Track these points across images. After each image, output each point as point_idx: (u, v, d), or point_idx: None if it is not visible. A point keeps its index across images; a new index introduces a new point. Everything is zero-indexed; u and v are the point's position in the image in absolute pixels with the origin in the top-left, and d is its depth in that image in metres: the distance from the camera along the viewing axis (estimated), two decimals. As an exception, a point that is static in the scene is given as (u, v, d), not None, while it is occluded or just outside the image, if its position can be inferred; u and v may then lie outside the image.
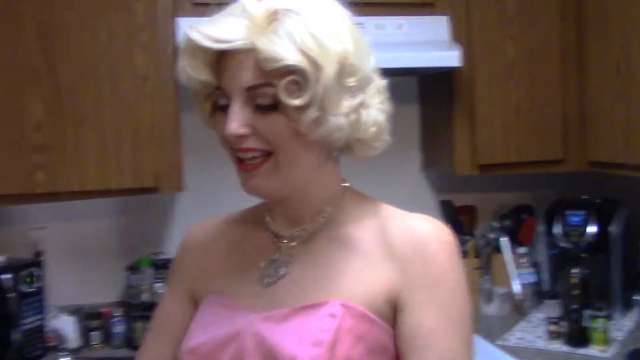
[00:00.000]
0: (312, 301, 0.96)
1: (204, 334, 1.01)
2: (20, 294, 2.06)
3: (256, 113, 0.93)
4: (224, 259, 1.08)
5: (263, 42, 0.89)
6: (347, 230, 1.01)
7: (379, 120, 0.99)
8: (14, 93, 1.98)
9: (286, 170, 0.96)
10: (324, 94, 0.91)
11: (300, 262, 1.02)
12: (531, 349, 2.14)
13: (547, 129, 2.40)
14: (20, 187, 2.00)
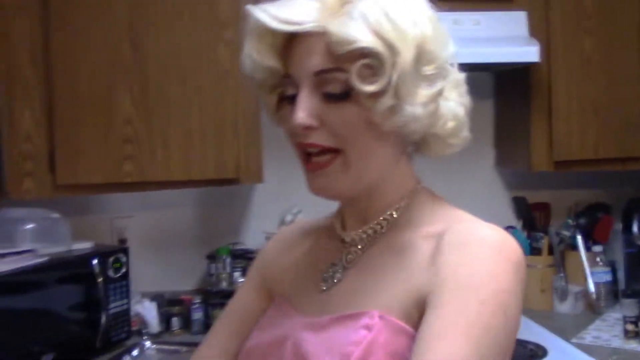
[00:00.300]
0: (353, 310, 0.89)
1: (260, 335, 1.00)
2: (108, 279, 2.15)
3: (325, 103, 0.87)
4: (295, 262, 1.06)
5: (335, 24, 0.84)
6: (407, 237, 0.93)
7: (458, 114, 0.93)
8: (106, 88, 2.07)
9: (357, 168, 0.89)
10: (400, 80, 0.84)
11: (356, 268, 0.95)
12: (607, 347, 2.12)
13: (625, 125, 2.37)
14: (110, 176, 2.09)
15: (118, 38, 2.07)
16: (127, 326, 2.25)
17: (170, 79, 2.10)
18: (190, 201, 2.55)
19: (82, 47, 2.06)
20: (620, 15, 2.34)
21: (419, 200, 0.96)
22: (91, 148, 2.07)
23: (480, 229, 0.87)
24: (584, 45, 2.32)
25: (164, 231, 2.53)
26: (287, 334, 0.93)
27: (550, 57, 2.30)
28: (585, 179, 2.71)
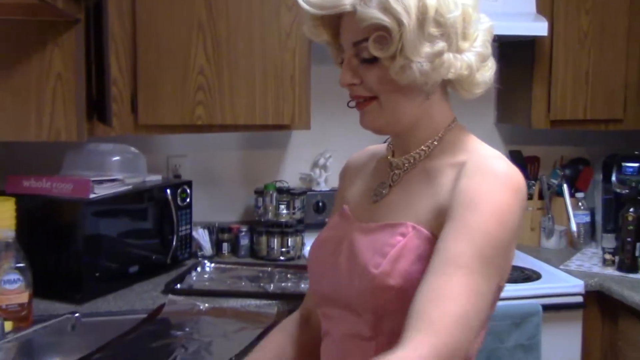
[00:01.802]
0: (393, 221, 1.15)
1: (328, 232, 1.28)
2: (177, 206, 2.51)
3: (362, 65, 1.12)
4: (359, 179, 1.32)
5: (360, 5, 1.07)
6: (438, 164, 1.15)
7: (471, 62, 1.11)
8: (183, 43, 2.40)
9: (389, 111, 1.14)
10: (405, 44, 1.06)
11: (398, 187, 1.20)
12: (589, 272, 2.60)
13: (610, 92, 2.82)
14: (184, 119, 2.43)
15: (195, 0, 2.39)
16: (189, 248, 2.62)
17: (239, 37, 2.44)
18: (235, 145, 2.90)
19: (163, 8, 2.37)
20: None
21: (451, 135, 1.18)
22: (168, 94, 2.40)
23: (493, 161, 1.10)
24: (582, 23, 2.75)
25: (212, 169, 2.89)
26: (345, 234, 1.21)
27: (553, 32, 2.71)
28: (570, 137, 3.17)
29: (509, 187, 1.06)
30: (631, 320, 2.37)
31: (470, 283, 0.99)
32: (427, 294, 1.00)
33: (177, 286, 2.30)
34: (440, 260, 1.02)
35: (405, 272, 1.08)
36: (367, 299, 1.11)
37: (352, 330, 1.16)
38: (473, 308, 0.99)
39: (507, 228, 1.04)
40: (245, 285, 2.40)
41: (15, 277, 1.92)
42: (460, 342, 0.98)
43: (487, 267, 1.02)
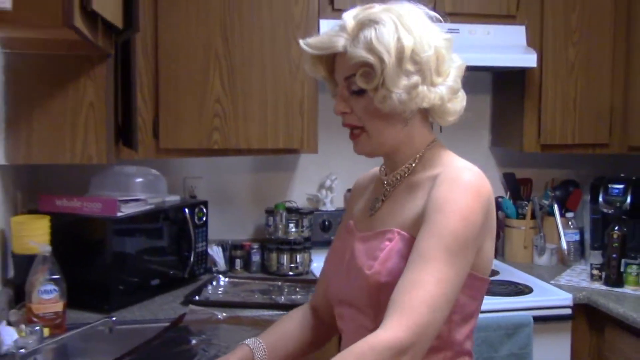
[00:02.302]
0: (383, 229, 1.35)
1: (337, 242, 1.52)
2: (194, 224, 2.70)
3: (352, 96, 1.33)
4: (362, 197, 1.53)
5: (350, 46, 1.29)
6: (419, 178, 1.35)
7: (442, 94, 1.30)
8: (201, 73, 2.61)
9: (375, 137, 1.34)
10: (386, 78, 1.26)
11: (388, 200, 1.40)
12: (578, 286, 2.78)
13: (597, 118, 3.03)
14: (202, 143, 2.64)
15: (212, 33, 2.60)
16: (205, 263, 2.81)
17: (252, 67, 2.65)
18: (246, 167, 3.10)
19: (183, 41, 2.58)
20: (598, 31, 2.99)
21: (430, 153, 1.38)
22: (187, 120, 2.61)
23: (463, 172, 1.28)
24: (569, 54, 2.97)
25: (225, 191, 3.08)
26: (349, 244, 1.43)
27: (542, 63, 2.92)
28: (560, 160, 3.37)
29: (471, 192, 1.25)
30: (617, 331, 2.55)
31: (437, 272, 1.19)
32: (401, 286, 1.20)
33: (195, 298, 2.49)
34: (414, 257, 1.22)
35: (392, 270, 1.28)
36: (365, 296, 1.32)
37: (358, 324, 1.37)
38: (440, 292, 1.18)
39: (469, 225, 1.23)
40: (258, 298, 2.58)
41: (51, 288, 2.11)
42: (430, 321, 1.17)
43: (453, 257, 1.21)
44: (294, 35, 2.67)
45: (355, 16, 1.32)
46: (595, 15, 2.98)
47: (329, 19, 2.71)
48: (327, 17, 2.72)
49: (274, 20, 2.66)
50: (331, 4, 2.73)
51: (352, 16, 1.32)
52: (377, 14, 1.30)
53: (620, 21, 2.99)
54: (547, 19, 2.94)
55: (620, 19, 2.99)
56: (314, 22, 2.71)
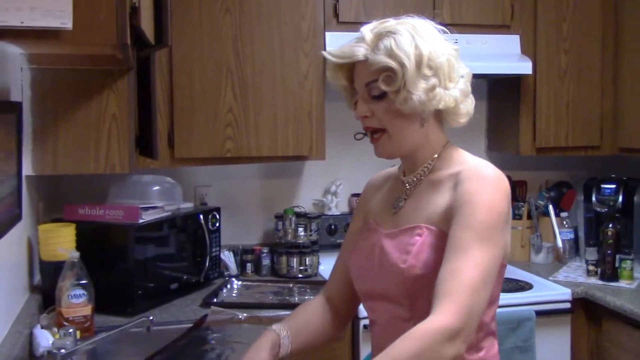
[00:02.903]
0: (411, 225, 1.46)
1: (361, 242, 1.59)
2: (209, 230, 2.81)
3: (373, 101, 1.44)
4: (378, 196, 1.63)
5: (371, 55, 1.41)
6: (439, 176, 1.47)
7: (456, 96, 1.43)
8: (213, 85, 2.73)
9: (396, 139, 1.46)
10: (407, 80, 1.38)
11: (411, 199, 1.51)
12: (575, 282, 2.93)
13: (588, 122, 3.18)
14: (215, 152, 2.75)
15: (225, 48, 2.73)
16: (218, 267, 2.92)
17: (263, 79, 2.77)
18: (254, 175, 3.22)
19: (196, 55, 2.70)
20: (588, 40, 3.15)
21: (446, 153, 1.50)
22: (201, 130, 2.73)
23: (482, 168, 1.43)
24: (561, 62, 3.12)
25: (234, 197, 3.19)
26: (375, 242, 1.52)
27: (536, 69, 3.07)
28: (554, 162, 3.52)
29: (494, 185, 1.39)
30: (614, 323, 2.69)
31: (472, 258, 1.31)
32: (443, 275, 1.32)
33: (213, 300, 2.60)
34: (450, 249, 1.34)
35: (426, 263, 1.40)
36: (402, 289, 1.43)
37: (393, 315, 1.48)
38: (480, 276, 1.30)
39: (495, 214, 1.35)
40: (272, 299, 2.70)
41: (80, 292, 2.20)
42: (474, 303, 1.29)
43: (485, 244, 1.33)
44: (302, 48, 2.80)
45: (373, 29, 1.45)
46: (585, 24, 3.13)
47: (335, 32, 2.84)
48: (332, 30, 2.85)
49: (283, 34, 2.78)
50: (336, 17, 2.86)
51: (370, 29, 1.45)
52: (393, 26, 1.43)
53: (608, 30, 3.15)
54: (539, 28, 3.09)
55: (609, 28, 3.15)
56: (321, 35, 2.83)
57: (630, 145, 3.09)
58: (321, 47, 2.82)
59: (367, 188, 1.71)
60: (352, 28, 2.80)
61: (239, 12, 2.73)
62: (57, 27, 1.30)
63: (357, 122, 2.66)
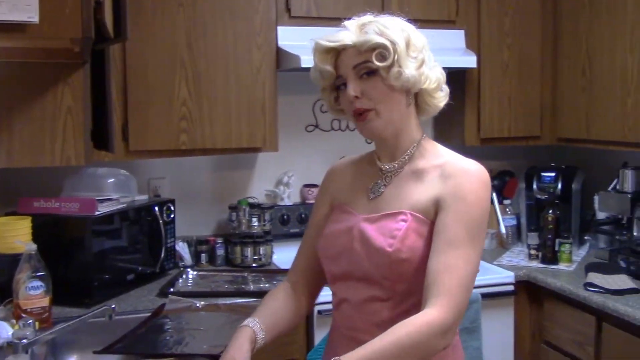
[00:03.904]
0: (394, 210, 1.52)
1: (332, 226, 1.62)
2: (164, 222, 2.85)
3: (362, 80, 1.49)
4: (349, 182, 1.67)
5: (359, 37, 1.48)
6: (421, 165, 1.54)
7: (439, 77, 1.54)
8: (168, 78, 2.76)
9: (384, 116, 1.50)
10: (399, 57, 1.45)
11: (391, 186, 1.57)
12: (517, 265, 3.07)
13: (529, 113, 3.33)
14: (169, 145, 2.78)
15: (178, 41, 2.76)
16: (174, 258, 2.96)
17: (216, 72, 2.82)
18: (207, 166, 3.26)
19: (149, 49, 2.72)
20: (529, 34, 3.29)
21: (425, 144, 1.58)
22: (155, 123, 2.75)
23: (467, 163, 1.52)
24: (504, 56, 3.26)
25: (188, 189, 3.23)
26: (352, 225, 1.56)
27: (480, 63, 3.20)
28: (497, 152, 3.66)
29: (482, 181, 1.49)
30: (554, 303, 2.85)
31: (465, 256, 1.40)
32: (436, 269, 1.39)
33: (170, 290, 2.64)
34: (441, 242, 1.42)
35: (411, 247, 1.47)
36: (386, 271, 1.49)
37: (369, 296, 1.53)
38: (469, 273, 1.41)
39: (484, 212, 1.46)
40: (228, 288, 2.75)
41: (38, 284, 2.22)
42: (464, 300, 1.40)
43: (475, 241, 1.43)
44: (255, 41, 2.85)
45: (355, 22, 1.53)
46: (526, 19, 3.28)
47: (287, 26, 2.91)
48: (284, 24, 2.91)
49: (236, 28, 2.83)
50: (288, 11, 2.93)
51: (352, 23, 1.53)
52: (373, 17, 1.53)
53: (547, 25, 3.30)
54: (483, 23, 3.21)
55: (548, 24, 3.30)
56: (273, 29, 2.89)
57: (569, 135, 3.25)
58: (273, 40, 2.89)
59: (330, 175, 1.76)
60: (304, 22, 2.94)
61: (192, 6, 2.76)
62: (24, 21, 1.33)
63: (309, 115, 2.86)
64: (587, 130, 3.08)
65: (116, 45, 2.66)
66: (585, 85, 3.09)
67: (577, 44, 3.13)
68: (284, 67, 2.88)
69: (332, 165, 1.78)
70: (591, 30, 3.05)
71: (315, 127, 3.33)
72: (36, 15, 1.31)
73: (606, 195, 3.08)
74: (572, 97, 3.19)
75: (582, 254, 3.23)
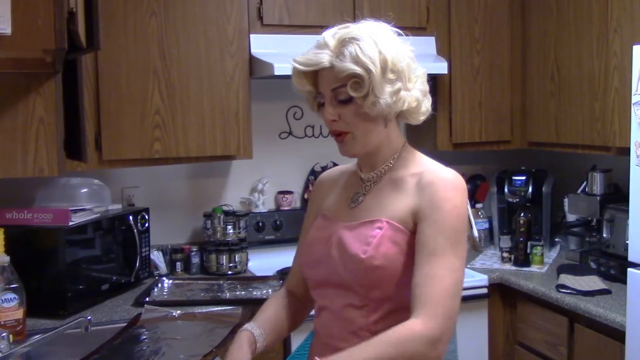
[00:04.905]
0: (371, 218, 1.53)
1: (315, 232, 1.64)
2: (138, 231, 2.84)
3: (340, 105, 1.49)
4: (333, 191, 1.69)
5: (336, 62, 1.45)
6: (400, 175, 1.55)
7: (418, 97, 1.51)
8: (140, 87, 2.75)
9: (361, 140, 1.51)
10: (374, 86, 1.43)
11: (371, 195, 1.58)
12: (491, 268, 3.12)
13: (500, 118, 3.38)
14: (143, 153, 2.77)
15: (151, 50, 2.75)
16: (149, 267, 2.95)
17: (190, 81, 2.82)
18: (182, 175, 3.25)
19: (122, 58, 2.71)
20: (498, 41, 3.35)
21: (405, 153, 1.58)
22: (129, 132, 2.74)
23: (444, 172, 1.52)
24: (474, 62, 3.31)
25: (162, 198, 3.21)
26: (332, 232, 1.58)
27: (451, 69, 3.24)
28: (468, 157, 3.70)
29: (460, 190, 1.50)
30: (527, 305, 2.89)
31: (447, 265, 1.40)
32: (420, 280, 1.40)
33: (145, 299, 2.63)
34: (424, 254, 1.42)
35: (385, 254, 1.47)
36: (360, 277, 1.49)
37: (345, 303, 1.54)
38: (455, 281, 1.40)
39: (461, 218, 1.47)
40: (204, 296, 2.75)
41: (12, 297, 2.21)
42: (452, 308, 1.38)
43: (456, 248, 1.43)
44: (228, 50, 2.86)
45: (334, 35, 1.49)
46: (496, 26, 3.33)
47: (259, 34, 2.92)
48: (257, 32, 2.93)
49: (209, 36, 2.83)
50: (260, 19, 2.94)
51: (331, 35, 1.49)
52: (354, 32, 1.47)
53: (516, 32, 3.36)
54: (453, 30, 3.26)
55: (517, 30, 3.36)
56: (245, 37, 2.90)
57: (538, 139, 3.31)
58: (246, 48, 2.90)
59: (319, 185, 1.78)
60: (276, 30, 2.96)
61: (164, 15, 2.76)
62: (-4, 33, 1.33)
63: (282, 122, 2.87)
64: (557, 134, 3.14)
65: (88, 55, 2.65)
66: (554, 90, 3.14)
67: (546, 50, 3.19)
68: (257, 74, 2.89)
69: (322, 175, 1.81)
70: (559, 36, 3.11)
71: (288, 134, 3.34)
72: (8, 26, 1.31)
73: (576, 198, 3.14)
74: (541, 102, 3.25)
75: (553, 255, 3.28)
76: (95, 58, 2.68)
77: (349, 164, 1.74)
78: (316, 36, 1.53)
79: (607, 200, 2.97)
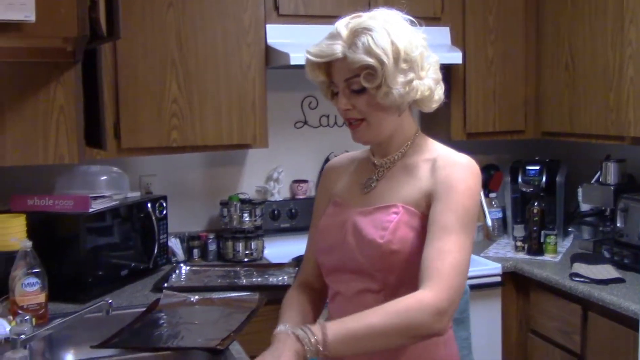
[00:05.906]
0: (386, 203, 1.54)
1: (328, 218, 1.65)
2: (156, 218, 2.88)
3: (353, 95, 1.51)
4: (345, 177, 1.70)
5: (350, 52, 1.47)
6: (413, 161, 1.57)
7: (430, 85, 1.53)
8: (158, 77, 2.79)
9: (375, 127, 1.54)
10: (387, 76, 1.45)
11: (384, 180, 1.60)
12: (504, 257, 3.14)
13: (513, 108, 3.40)
14: (161, 142, 2.82)
15: (168, 41, 2.79)
16: (166, 254, 3.00)
17: (207, 71, 2.85)
18: (198, 163, 3.29)
19: (140, 49, 2.75)
20: (512, 31, 3.35)
21: (418, 140, 1.61)
22: (147, 121, 2.79)
23: (458, 156, 1.55)
24: (488, 52, 3.32)
25: (179, 186, 3.26)
26: (347, 218, 1.59)
27: (465, 59, 3.25)
28: (483, 146, 3.71)
29: (472, 172, 1.52)
30: (540, 293, 2.91)
31: (458, 242, 1.42)
32: (430, 254, 1.42)
33: (164, 285, 2.67)
34: (435, 230, 1.44)
35: (402, 239, 1.49)
36: (377, 262, 1.51)
37: (362, 288, 1.55)
38: (463, 258, 1.42)
39: (474, 200, 1.49)
40: (221, 282, 2.79)
41: (34, 281, 2.25)
42: (459, 284, 1.40)
43: (467, 228, 1.45)
44: (244, 39, 2.89)
45: (347, 25, 1.50)
46: (509, 16, 3.34)
47: (275, 24, 2.95)
48: (273, 22, 2.96)
49: (225, 27, 2.86)
50: (276, 10, 2.97)
51: (344, 25, 1.50)
52: (367, 22, 1.48)
53: (530, 21, 3.37)
54: (468, 20, 3.27)
55: (531, 20, 3.37)
56: (261, 27, 2.94)
57: (552, 129, 3.32)
58: (262, 38, 2.93)
59: (329, 172, 1.78)
60: (292, 20, 2.99)
61: (181, 6, 2.79)
62: (20, 20, 1.36)
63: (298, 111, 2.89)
64: (571, 124, 3.15)
65: (107, 45, 2.69)
66: (569, 80, 3.15)
67: (560, 40, 3.20)
68: (273, 64, 2.93)
69: (329, 163, 1.82)
70: (573, 27, 3.11)
71: (304, 123, 3.37)
72: (33, 14, 1.34)
73: (589, 188, 3.15)
74: (555, 92, 3.26)
75: (566, 245, 3.30)
76: (114, 48, 2.72)
77: (357, 151, 1.76)
78: (332, 26, 1.54)
79: (621, 190, 2.98)
